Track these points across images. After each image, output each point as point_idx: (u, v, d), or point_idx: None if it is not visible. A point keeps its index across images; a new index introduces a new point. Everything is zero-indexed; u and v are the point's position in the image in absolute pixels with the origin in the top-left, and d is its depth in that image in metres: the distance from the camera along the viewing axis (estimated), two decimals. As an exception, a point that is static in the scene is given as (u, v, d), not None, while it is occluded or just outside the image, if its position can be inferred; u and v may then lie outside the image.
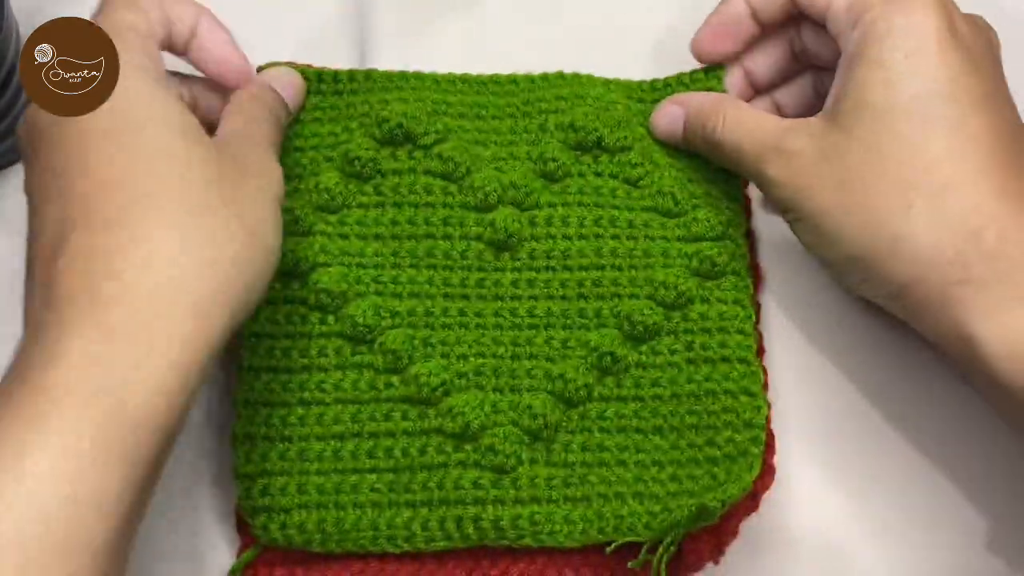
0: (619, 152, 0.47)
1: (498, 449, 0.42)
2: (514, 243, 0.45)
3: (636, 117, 0.48)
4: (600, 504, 0.42)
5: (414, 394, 0.43)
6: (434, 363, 0.43)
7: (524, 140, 0.47)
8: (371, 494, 0.42)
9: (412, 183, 0.46)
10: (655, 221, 0.46)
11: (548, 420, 0.43)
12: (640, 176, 0.46)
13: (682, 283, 0.44)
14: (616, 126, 0.47)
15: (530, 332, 0.44)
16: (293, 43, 0.52)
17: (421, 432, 0.43)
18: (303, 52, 0.51)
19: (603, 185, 0.46)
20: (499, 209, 0.46)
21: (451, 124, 0.47)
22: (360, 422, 0.43)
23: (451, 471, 0.42)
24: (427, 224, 0.45)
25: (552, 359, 0.44)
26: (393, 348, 0.43)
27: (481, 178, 0.46)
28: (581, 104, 0.47)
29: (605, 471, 0.42)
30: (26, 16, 0.50)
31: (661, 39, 0.54)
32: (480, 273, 0.45)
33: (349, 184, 0.46)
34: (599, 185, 0.46)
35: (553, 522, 0.42)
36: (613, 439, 0.43)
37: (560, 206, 0.46)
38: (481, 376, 0.44)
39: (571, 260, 0.45)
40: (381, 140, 0.46)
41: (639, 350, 0.44)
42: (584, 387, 0.43)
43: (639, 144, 0.47)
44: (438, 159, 0.46)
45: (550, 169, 0.46)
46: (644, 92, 0.50)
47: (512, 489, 0.42)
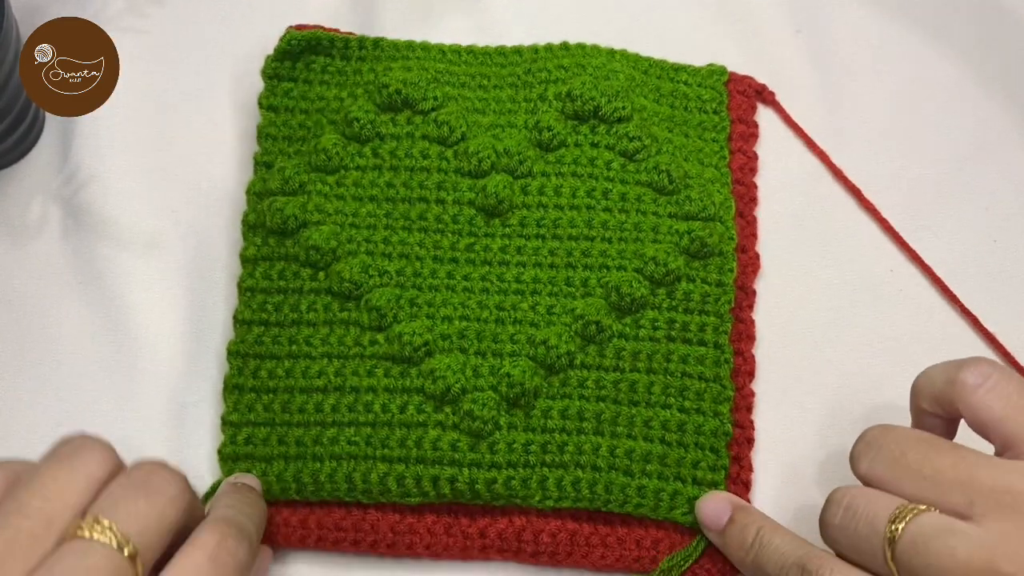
0: (616, 123, 0.47)
1: (476, 415, 0.42)
2: (505, 209, 0.46)
3: (639, 88, 0.48)
4: (575, 472, 0.42)
5: (397, 352, 0.44)
6: (418, 323, 0.44)
7: (523, 109, 0.48)
8: (348, 447, 0.43)
9: (409, 147, 0.47)
10: (648, 196, 0.46)
11: (527, 388, 0.43)
12: (637, 149, 0.46)
13: (671, 260, 0.44)
14: (614, 96, 0.47)
15: (516, 298, 0.45)
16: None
17: (402, 390, 0.43)
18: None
19: (598, 156, 0.46)
20: (492, 176, 0.46)
21: (451, 93, 0.48)
22: (343, 376, 0.44)
23: (429, 431, 0.43)
24: (421, 188, 0.46)
25: (536, 325, 0.44)
26: (379, 306, 0.44)
27: (476, 144, 0.46)
28: (581, 73, 0.48)
29: (582, 439, 0.43)
30: (26, 16, 0.50)
31: (664, 37, 0.54)
32: (470, 238, 0.46)
33: (348, 146, 0.47)
34: (594, 156, 0.46)
35: (528, 487, 0.42)
36: (592, 407, 0.43)
37: (554, 176, 0.46)
38: (464, 339, 0.44)
39: (561, 229, 0.45)
40: (381, 105, 0.47)
41: (623, 321, 0.44)
42: (566, 354, 0.44)
43: (639, 115, 0.47)
44: (435, 124, 0.47)
45: (544, 138, 0.47)
46: (651, 66, 0.50)
47: (489, 454, 0.42)
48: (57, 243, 0.49)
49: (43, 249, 0.48)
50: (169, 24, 0.53)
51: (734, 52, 0.53)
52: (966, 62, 0.53)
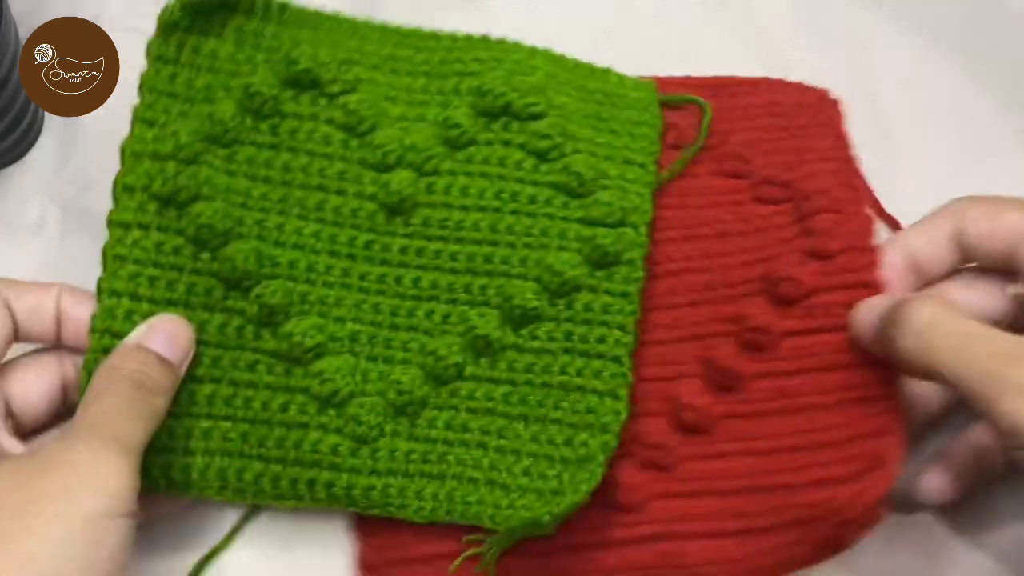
0: (529, 120, 0.44)
1: (362, 419, 0.41)
2: (408, 207, 0.44)
3: (560, 86, 0.46)
4: (453, 485, 0.41)
5: (284, 350, 0.42)
6: (309, 321, 0.42)
7: (435, 102, 0.45)
8: (223, 443, 0.41)
9: (312, 130, 0.44)
10: (557, 199, 0.44)
11: (415, 396, 0.42)
12: (548, 149, 0.44)
13: (570, 271, 0.43)
14: (527, 92, 0.44)
15: (412, 303, 0.43)
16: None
17: (285, 389, 0.42)
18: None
19: (508, 156, 0.44)
20: (397, 171, 0.44)
21: (363, 75, 0.45)
22: (222, 368, 0.42)
23: (310, 433, 0.41)
24: (321, 175, 0.44)
25: (430, 333, 0.43)
26: (269, 300, 0.42)
27: (383, 136, 0.44)
28: (496, 67, 0.45)
29: (464, 452, 0.42)
30: (26, 16, 0.50)
31: (666, 36, 0.54)
32: (370, 235, 0.44)
33: (245, 119, 0.43)
34: (504, 155, 0.44)
35: (404, 496, 0.41)
36: (478, 421, 0.42)
37: (462, 175, 0.44)
38: (356, 343, 0.43)
39: (465, 232, 0.43)
40: (286, 80, 0.44)
41: (518, 333, 0.43)
42: (454, 366, 0.42)
43: (555, 112, 0.45)
44: (342, 110, 0.44)
45: (453, 135, 0.44)
46: (578, 66, 0.47)
47: (370, 460, 0.41)
48: (56, 243, 0.49)
49: (42, 249, 0.48)
50: None
51: (735, 52, 0.53)
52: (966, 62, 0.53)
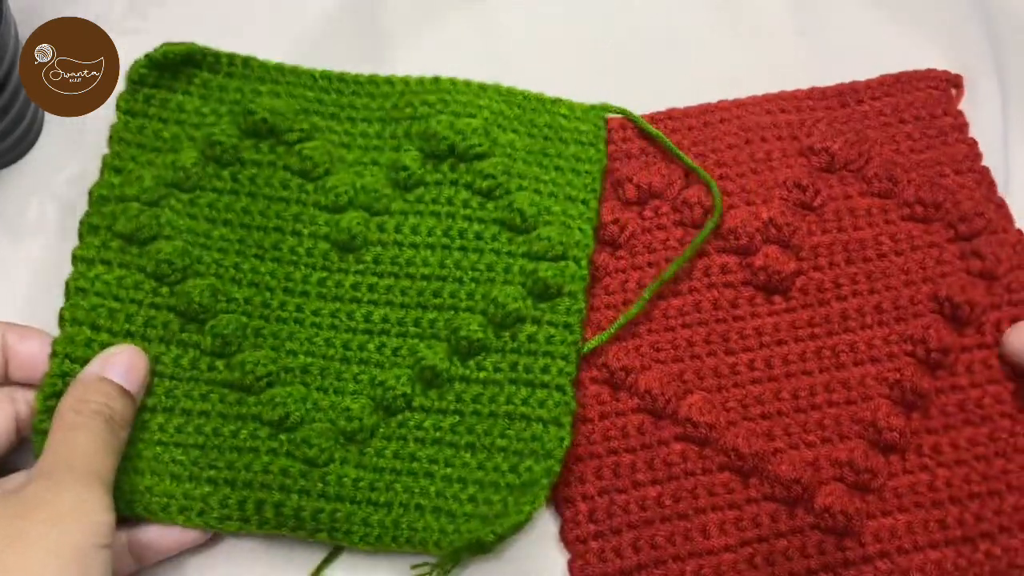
0: (474, 160, 0.47)
1: (312, 442, 0.43)
2: (359, 245, 0.46)
3: (507, 123, 0.48)
4: (399, 512, 0.42)
5: (237, 380, 0.44)
6: (262, 353, 0.44)
7: (388, 146, 0.48)
8: (172, 466, 0.42)
9: (269, 176, 0.47)
10: (503, 235, 0.46)
11: (364, 424, 0.43)
12: (493, 187, 0.46)
13: (512, 303, 0.44)
14: (471, 133, 0.47)
15: (363, 337, 0.45)
16: (301, 37, 0.53)
17: (237, 417, 0.43)
18: (310, 45, 0.52)
19: (455, 195, 0.47)
20: (348, 211, 0.46)
21: (319, 124, 0.48)
22: (174, 398, 0.43)
23: (261, 456, 0.43)
24: (278, 218, 0.46)
25: (381, 365, 0.44)
26: (223, 333, 0.44)
27: (336, 179, 0.46)
28: (443, 110, 0.48)
29: (411, 480, 0.43)
30: (26, 16, 0.50)
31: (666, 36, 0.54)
32: (323, 272, 0.46)
33: (207, 166, 0.47)
34: (451, 195, 0.47)
35: (351, 522, 0.42)
36: (425, 450, 0.43)
37: (411, 214, 0.46)
38: (307, 375, 0.44)
39: (414, 268, 0.46)
40: (246, 130, 0.47)
41: (466, 365, 0.44)
42: (402, 396, 0.44)
43: (500, 151, 0.47)
44: (298, 157, 0.47)
45: (402, 178, 0.47)
46: (526, 100, 0.49)
47: (320, 483, 0.42)
48: (56, 243, 0.48)
49: (42, 249, 0.48)
50: (169, 25, 0.53)
51: (735, 52, 0.53)
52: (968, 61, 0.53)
